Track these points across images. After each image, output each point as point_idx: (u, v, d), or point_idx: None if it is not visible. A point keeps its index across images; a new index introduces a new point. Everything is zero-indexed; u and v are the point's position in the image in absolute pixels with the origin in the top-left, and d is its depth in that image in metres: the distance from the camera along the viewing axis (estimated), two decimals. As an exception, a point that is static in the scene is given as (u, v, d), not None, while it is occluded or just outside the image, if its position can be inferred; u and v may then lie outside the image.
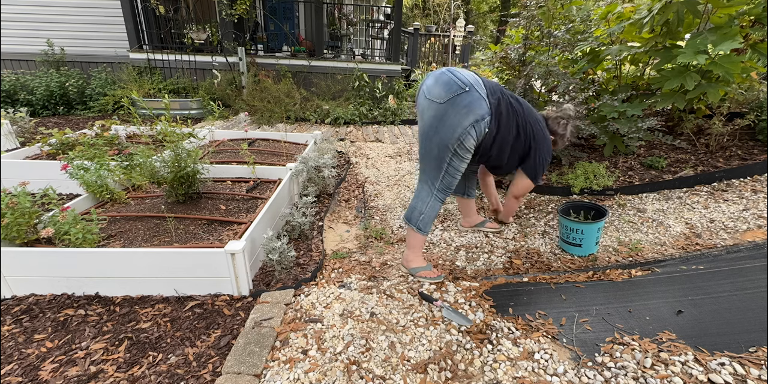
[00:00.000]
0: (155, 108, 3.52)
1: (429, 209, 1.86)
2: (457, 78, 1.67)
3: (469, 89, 1.65)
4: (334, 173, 3.00)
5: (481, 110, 1.65)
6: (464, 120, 1.65)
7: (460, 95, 1.65)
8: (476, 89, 1.66)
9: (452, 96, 1.65)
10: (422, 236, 1.91)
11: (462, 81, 1.66)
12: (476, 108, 1.65)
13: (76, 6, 6.40)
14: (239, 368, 1.33)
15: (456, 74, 1.69)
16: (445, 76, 1.70)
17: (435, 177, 1.82)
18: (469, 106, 1.64)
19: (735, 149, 2.86)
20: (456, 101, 1.65)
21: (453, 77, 1.68)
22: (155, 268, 1.69)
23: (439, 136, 1.71)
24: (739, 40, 2.17)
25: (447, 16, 13.95)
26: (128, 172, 2.50)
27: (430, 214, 1.86)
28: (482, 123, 1.67)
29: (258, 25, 7.38)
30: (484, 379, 1.31)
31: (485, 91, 1.68)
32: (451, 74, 1.69)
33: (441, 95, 1.68)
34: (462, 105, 1.65)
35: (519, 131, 1.81)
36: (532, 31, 3.13)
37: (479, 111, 1.65)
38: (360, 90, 5.97)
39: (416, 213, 1.87)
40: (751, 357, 1.30)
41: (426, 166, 1.84)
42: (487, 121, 1.68)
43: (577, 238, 2.11)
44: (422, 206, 1.86)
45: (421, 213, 1.86)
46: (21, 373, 1.32)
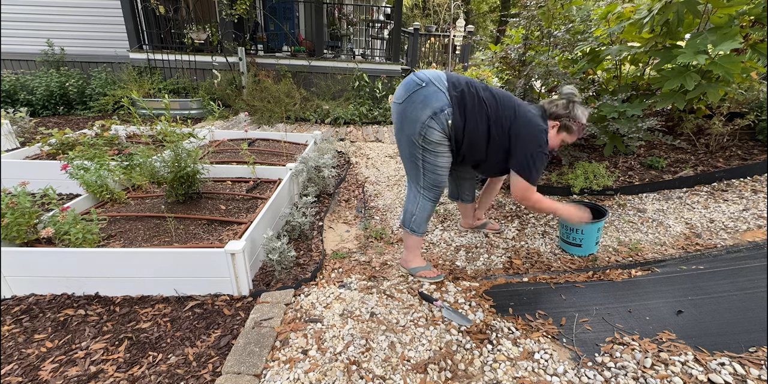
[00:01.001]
0: (155, 108, 3.52)
1: (420, 210, 1.84)
2: (416, 77, 1.68)
3: (425, 84, 1.64)
4: (334, 173, 3.01)
5: (438, 102, 1.62)
6: (421, 114, 1.64)
7: (416, 91, 1.65)
8: (434, 83, 1.64)
9: (409, 93, 1.66)
10: (418, 237, 1.90)
11: (420, 78, 1.66)
12: (432, 101, 1.63)
13: (76, 6, 6.40)
14: (239, 368, 1.33)
15: (417, 74, 1.70)
16: (407, 78, 1.72)
17: (416, 176, 1.81)
18: (425, 100, 1.64)
19: (735, 149, 2.86)
20: (412, 98, 1.66)
21: (412, 77, 1.69)
22: (155, 268, 1.69)
23: (404, 134, 1.72)
24: (739, 40, 2.17)
25: (447, 16, 13.95)
26: (128, 172, 2.50)
27: (421, 215, 1.85)
28: (441, 115, 1.63)
29: (258, 25, 7.39)
30: (484, 379, 1.31)
31: (446, 84, 1.66)
32: (413, 76, 1.71)
33: (401, 95, 1.70)
34: (418, 100, 1.64)
35: (490, 124, 1.71)
36: (532, 31, 3.13)
37: (436, 103, 1.62)
38: (360, 90, 5.98)
39: (407, 215, 1.87)
40: (751, 357, 1.30)
41: (406, 167, 1.85)
42: (447, 113, 1.63)
43: (577, 238, 2.11)
44: (413, 207, 1.85)
45: (412, 214, 1.85)
46: (21, 373, 1.32)
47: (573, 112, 1.81)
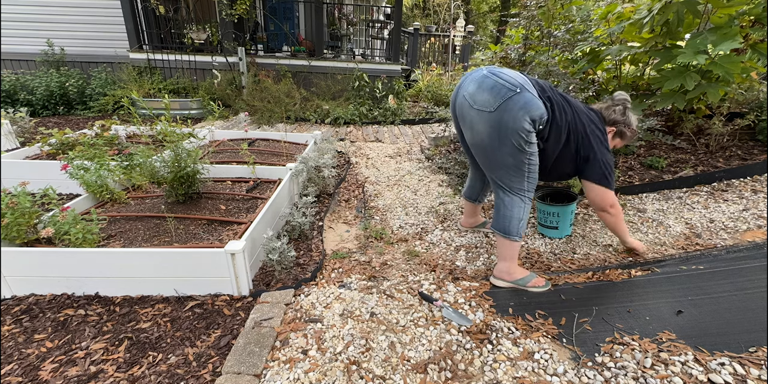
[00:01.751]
0: (155, 108, 3.52)
1: (525, 213, 1.78)
2: (504, 80, 1.57)
3: (520, 90, 1.55)
4: (334, 173, 3.01)
5: (538, 110, 1.55)
6: (523, 122, 1.55)
7: (512, 98, 1.54)
8: (527, 89, 1.56)
9: (503, 100, 1.55)
10: (519, 244, 1.81)
11: (510, 82, 1.56)
12: (533, 108, 1.55)
13: (76, 6, 6.40)
14: (239, 368, 1.33)
15: (500, 76, 1.59)
16: (489, 81, 1.59)
17: (520, 182, 1.73)
18: (524, 107, 1.54)
19: (735, 149, 2.86)
20: (509, 105, 1.55)
21: (500, 80, 1.57)
22: (155, 268, 1.69)
23: (507, 146, 1.62)
24: (739, 40, 2.17)
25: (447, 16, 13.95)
26: (128, 172, 2.50)
27: (526, 217, 1.80)
28: (540, 122, 1.59)
29: (258, 25, 7.39)
30: (484, 379, 1.31)
31: (536, 90, 1.59)
32: (496, 77, 1.59)
33: (490, 102, 1.58)
34: (516, 108, 1.55)
35: (570, 134, 1.67)
36: (532, 31, 3.13)
37: (537, 111, 1.55)
38: (360, 90, 5.98)
39: (515, 221, 1.76)
40: (751, 357, 1.30)
41: (504, 176, 1.74)
42: (545, 120, 1.59)
43: (554, 221, 2.27)
44: (519, 213, 1.76)
45: (520, 220, 1.76)
46: (21, 373, 1.32)
47: (629, 119, 1.82)
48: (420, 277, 1.96)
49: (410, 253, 2.25)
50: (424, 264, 2.12)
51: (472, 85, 1.66)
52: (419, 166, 3.73)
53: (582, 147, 1.71)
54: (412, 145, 4.55)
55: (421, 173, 3.55)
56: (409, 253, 2.24)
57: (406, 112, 5.98)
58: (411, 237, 2.46)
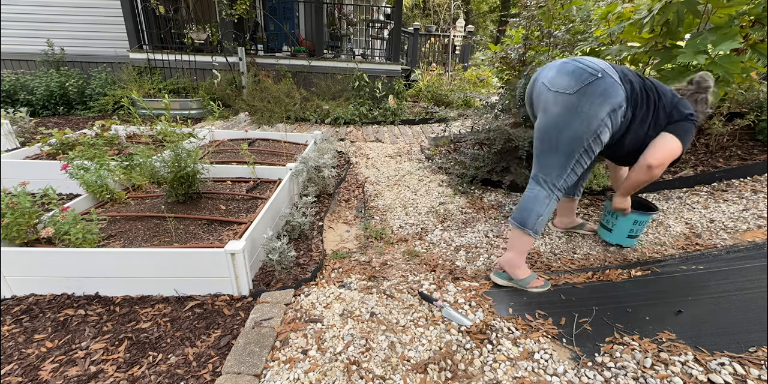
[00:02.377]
0: (155, 108, 3.52)
1: (548, 211, 1.72)
2: (585, 65, 1.54)
3: (601, 75, 1.51)
4: (334, 173, 3.01)
5: (618, 97, 1.50)
6: (600, 110, 1.50)
7: (593, 82, 1.50)
8: (609, 74, 1.52)
9: (584, 84, 1.51)
10: (533, 239, 1.77)
11: (592, 67, 1.53)
12: (612, 95, 1.49)
13: (76, 6, 6.40)
14: (239, 368, 1.33)
15: (582, 62, 1.56)
16: (570, 65, 1.57)
17: (559, 175, 1.68)
18: (604, 93, 1.49)
19: (735, 149, 2.86)
20: (589, 90, 1.50)
21: (580, 65, 1.55)
22: (155, 268, 1.69)
23: (571, 130, 1.56)
24: (739, 40, 2.17)
25: (447, 16, 13.95)
26: (128, 172, 2.50)
27: (547, 216, 1.74)
28: (619, 112, 1.52)
29: (258, 25, 7.39)
30: (484, 379, 1.31)
31: (617, 75, 1.54)
32: (576, 62, 1.57)
33: (570, 85, 1.54)
34: (597, 93, 1.49)
35: (654, 117, 1.60)
36: (532, 31, 3.13)
37: (616, 98, 1.49)
38: (360, 90, 5.98)
39: (534, 215, 1.72)
40: (751, 357, 1.30)
41: (547, 163, 1.69)
42: (623, 110, 1.52)
43: (610, 222, 2.09)
44: (541, 208, 1.71)
45: (539, 215, 1.71)
46: (21, 373, 1.32)
47: (705, 106, 1.74)
48: (420, 277, 1.96)
49: (410, 253, 2.25)
50: (424, 264, 2.12)
51: (551, 72, 1.64)
52: (419, 166, 3.73)
53: (663, 129, 1.63)
54: (412, 145, 4.55)
55: (421, 173, 3.55)
56: (409, 253, 2.24)
57: (406, 112, 5.98)
58: (411, 237, 2.46)
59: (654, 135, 1.64)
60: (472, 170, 3.07)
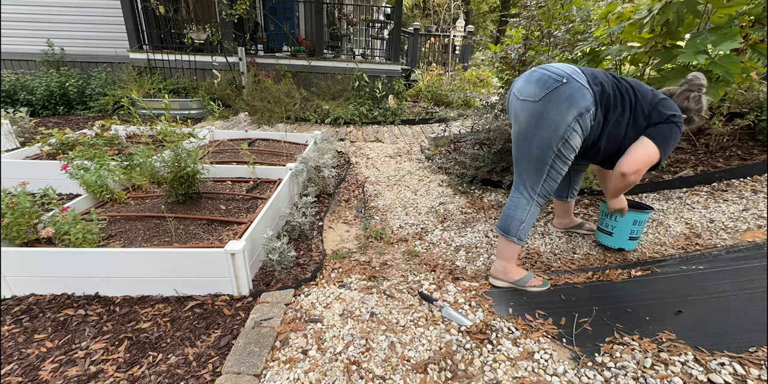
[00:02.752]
0: (155, 108, 3.52)
1: (529, 217, 1.74)
2: (551, 72, 1.55)
3: (566, 80, 1.52)
4: (334, 173, 3.01)
5: (584, 101, 1.50)
6: (567, 115, 1.51)
7: (558, 88, 1.52)
8: (575, 79, 1.52)
9: (549, 91, 1.53)
10: (520, 246, 1.79)
11: (557, 74, 1.54)
12: (579, 99, 1.50)
13: (76, 6, 6.40)
14: (239, 368, 1.33)
15: (548, 69, 1.58)
16: (536, 74, 1.59)
17: (535, 182, 1.70)
18: (570, 98, 1.50)
19: (735, 149, 2.86)
20: (554, 96, 1.52)
21: (545, 72, 1.57)
22: (155, 268, 1.69)
23: (539, 137, 1.58)
24: (739, 40, 2.16)
25: (447, 16, 13.95)
26: (128, 172, 2.50)
27: (530, 222, 1.75)
28: (587, 116, 1.52)
29: (258, 25, 7.39)
30: (484, 379, 1.31)
31: (585, 79, 1.54)
32: (542, 70, 1.58)
33: (536, 93, 1.56)
34: (562, 99, 1.51)
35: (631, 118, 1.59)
36: (532, 31, 3.13)
37: (583, 102, 1.50)
38: (360, 90, 5.98)
39: (516, 222, 1.74)
40: (751, 357, 1.30)
41: (523, 170, 1.72)
42: (592, 113, 1.52)
43: (609, 225, 2.04)
44: (522, 215, 1.73)
45: (521, 222, 1.74)
46: (21, 373, 1.32)
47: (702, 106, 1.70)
48: (420, 277, 1.96)
49: (410, 253, 2.25)
50: (424, 264, 2.12)
51: (520, 81, 1.66)
52: (419, 166, 3.73)
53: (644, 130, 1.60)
54: (412, 145, 4.55)
55: (421, 173, 3.55)
56: (409, 253, 2.24)
57: (406, 112, 5.98)
58: (411, 237, 2.46)
59: (634, 137, 1.62)
60: (472, 170, 3.07)
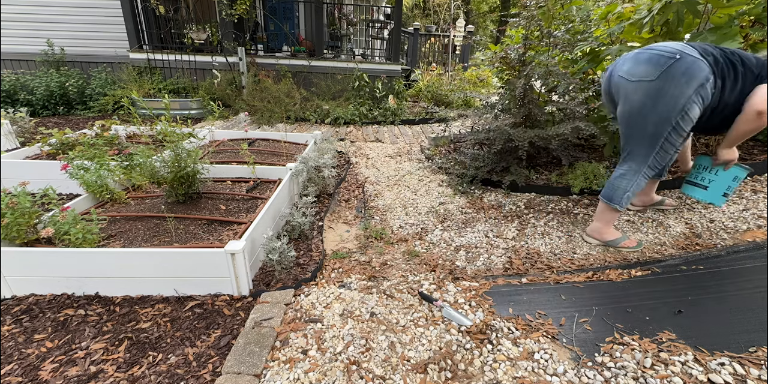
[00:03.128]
0: (155, 108, 3.52)
1: (635, 186, 1.87)
2: (661, 50, 1.62)
3: (680, 56, 1.57)
4: (334, 173, 3.01)
5: (702, 72, 1.56)
6: (687, 89, 1.57)
7: (673, 65, 1.58)
8: (687, 53, 1.58)
9: (664, 68, 1.59)
10: (618, 213, 1.95)
11: (668, 51, 1.60)
12: (696, 71, 1.55)
13: (76, 6, 6.40)
14: (239, 368, 1.33)
15: (656, 48, 1.65)
16: (644, 55, 1.66)
17: (646, 154, 1.80)
18: (687, 72, 1.56)
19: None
20: (671, 72, 1.58)
21: (655, 51, 1.64)
22: (155, 268, 1.69)
23: (656, 113, 1.66)
24: (739, 40, 2.16)
25: (447, 16, 13.95)
26: (128, 172, 2.50)
27: (634, 191, 1.89)
28: (707, 85, 1.58)
29: (258, 25, 7.39)
30: (484, 379, 1.31)
31: (696, 51, 1.59)
32: (650, 50, 1.65)
33: (649, 72, 1.62)
34: (679, 74, 1.57)
35: (742, 82, 1.63)
36: (532, 31, 3.13)
37: (701, 73, 1.55)
38: (360, 90, 5.98)
39: (620, 191, 1.89)
40: (751, 357, 1.30)
41: (637, 144, 1.81)
42: (711, 83, 1.58)
43: (706, 179, 1.99)
44: (627, 184, 1.88)
45: (626, 191, 1.88)
46: (21, 373, 1.32)
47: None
48: (420, 277, 1.96)
49: (410, 253, 2.25)
50: (424, 264, 2.12)
51: (627, 64, 1.72)
52: (419, 166, 3.73)
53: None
54: (412, 145, 4.55)
55: (421, 173, 3.55)
56: (409, 253, 2.24)
57: (406, 112, 5.98)
58: (411, 237, 2.46)
59: (744, 98, 1.64)
60: (472, 170, 3.07)
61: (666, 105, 1.63)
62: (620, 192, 1.90)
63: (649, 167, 1.84)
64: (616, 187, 1.91)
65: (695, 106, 1.62)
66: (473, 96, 6.38)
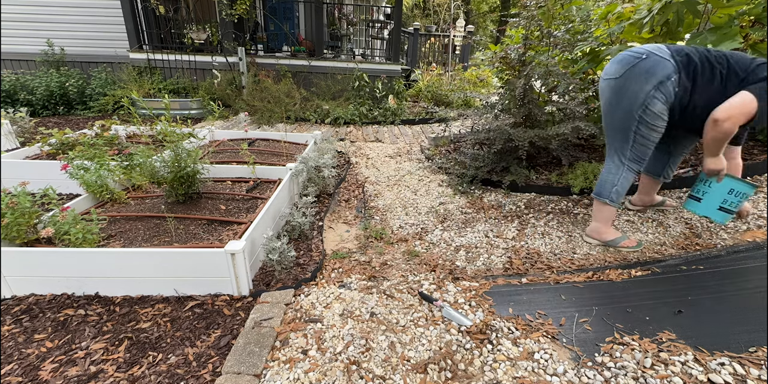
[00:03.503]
0: (155, 108, 3.52)
1: (622, 180, 1.93)
2: (633, 51, 1.71)
3: (646, 56, 1.67)
4: (334, 173, 3.01)
5: (664, 70, 1.65)
6: (646, 85, 1.67)
7: (637, 64, 1.68)
8: (655, 53, 1.67)
9: (629, 67, 1.71)
10: (614, 208, 1.98)
11: (637, 51, 1.70)
12: (658, 70, 1.65)
13: (76, 6, 6.40)
14: (239, 368, 1.33)
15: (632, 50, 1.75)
16: (621, 55, 1.77)
17: (623, 147, 1.88)
18: (649, 70, 1.66)
19: (735, 149, 2.85)
20: (634, 71, 1.69)
21: (629, 52, 1.74)
22: (155, 268, 1.69)
23: (620, 108, 1.78)
24: (739, 40, 2.17)
25: (447, 16, 13.95)
26: (128, 172, 2.50)
27: (623, 185, 1.94)
28: (668, 83, 1.66)
29: (258, 25, 7.38)
30: (484, 379, 1.31)
31: (668, 53, 1.68)
32: (627, 51, 1.76)
33: (617, 70, 1.75)
34: (641, 72, 1.69)
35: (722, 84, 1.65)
36: (532, 31, 3.13)
37: (662, 71, 1.64)
38: (360, 90, 5.98)
39: (608, 185, 1.95)
40: (751, 357, 1.30)
41: (612, 139, 1.93)
42: (674, 80, 1.66)
43: (700, 190, 1.92)
44: (614, 178, 1.94)
45: (613, 185, 1.94)
46: (21, 373, 1.32)
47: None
48: (420, 277, 1.96)
49: (410, 253, 2.25)
50: (424, 264, 2.12)
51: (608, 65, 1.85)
52: (419, 166, 3.73)
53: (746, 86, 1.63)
54: (412, 145, 4.55)
55: (421, 173, 3.55)
56: (409, 253, 2.24)
57: (406, 112, 5.98)
58: (411, 237, 2.46)
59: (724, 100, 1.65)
60: (472, 170, 3.07)
61: (628, 99, 1.74)
62: (608, 186, 1.95)
63: (630, 160, 1.90)
64: (604, 181, 1.98)
65: (656, 101, 1.70)
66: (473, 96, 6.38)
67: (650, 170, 2.27)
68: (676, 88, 1.67)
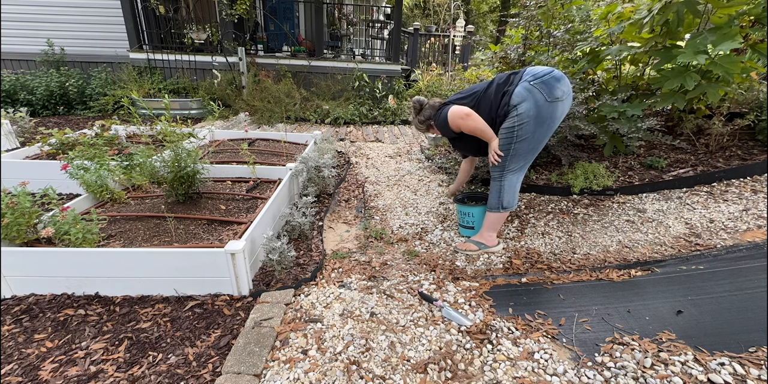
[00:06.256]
0: (155, 108, 3.52)
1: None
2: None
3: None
4: (334, 173, 3.00)
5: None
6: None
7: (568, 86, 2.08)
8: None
9: (569, 87, 2.05)
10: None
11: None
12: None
13: (76, 6, 6.40)
14: (239, 368, 1.33)
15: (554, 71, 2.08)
16: (560, 74, 2.01)
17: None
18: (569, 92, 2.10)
19: (735, 149, 2.85)
20: (569, 92, 2.07)
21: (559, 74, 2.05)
22: (155, 268, 1.69)
23: (558, 122, 2.16)
24: (739, 40, 2.17)
25: (447, 16, 13.94)
26: (128, 172, 2.50)
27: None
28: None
29: (258, 25, 7.39)
30: (484, 379, 1.31)
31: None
32: (555, 72, 2.04)
33: (567, 91, 2.03)
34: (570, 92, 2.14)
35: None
36: (532, 31, 3.13)
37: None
38: (360, 90, 5.98)
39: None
40: (751, 357, 1.30)
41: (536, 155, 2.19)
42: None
43: (470, 221, 2.40)
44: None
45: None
46: (21, 373, 1.32)
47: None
48: (420, 277, 1.96)
49: (410, 253, 2.25)
50: (424, 264, 2.12)
51: (559, 81, 2.08)
52: (419, 166, 3.73)
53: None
54: (412, 145, 4.55)
55: (421, 173, 3.54)
56: (409, 253, 2.24)
57: (406, 112, 5.97)
58: (411, 237, 2.46)
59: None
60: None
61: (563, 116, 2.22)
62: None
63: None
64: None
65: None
66: (473, 96, 6.35)
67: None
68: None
